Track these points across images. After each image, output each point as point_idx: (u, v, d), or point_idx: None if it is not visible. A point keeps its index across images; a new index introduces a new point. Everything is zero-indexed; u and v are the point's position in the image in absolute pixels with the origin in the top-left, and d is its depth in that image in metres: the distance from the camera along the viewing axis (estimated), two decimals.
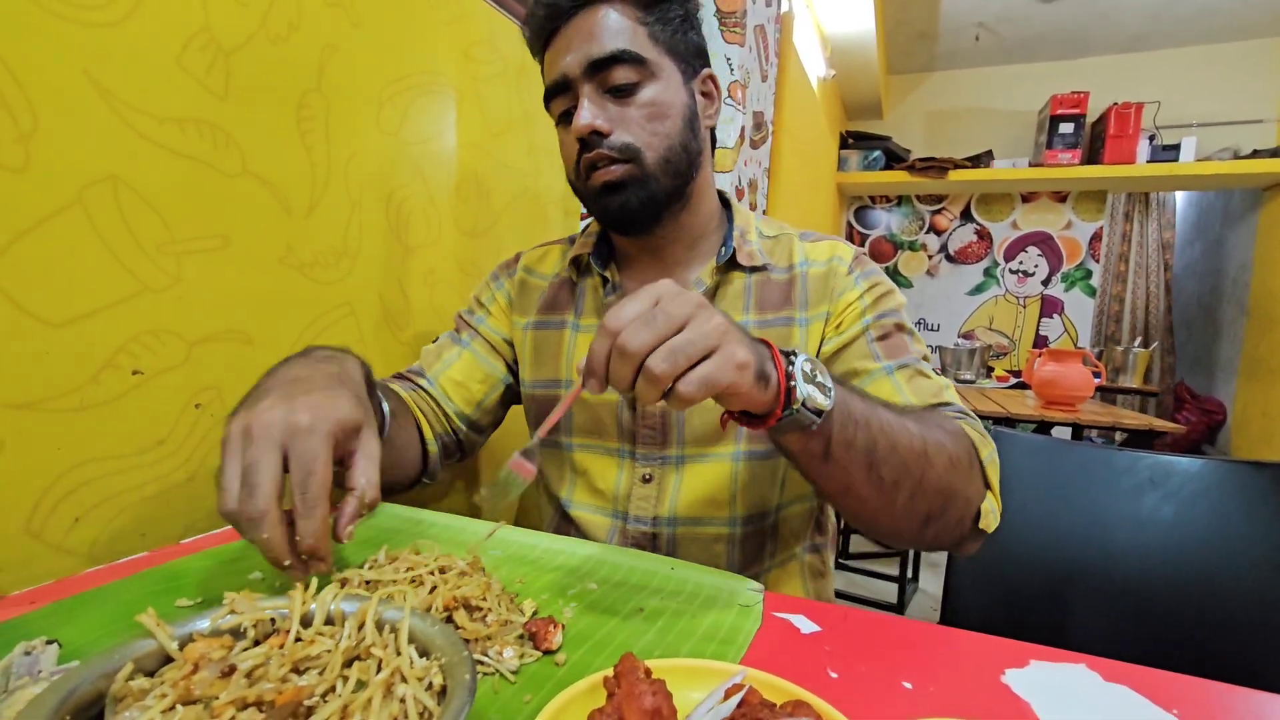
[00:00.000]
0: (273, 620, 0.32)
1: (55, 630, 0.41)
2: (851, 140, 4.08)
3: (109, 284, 0.59)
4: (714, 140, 0.76)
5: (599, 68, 0.63)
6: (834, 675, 0.40)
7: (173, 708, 0.26)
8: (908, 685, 0.39)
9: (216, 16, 0.66)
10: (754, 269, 0.72)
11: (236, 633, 0.32)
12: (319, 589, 0.35)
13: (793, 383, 0.44)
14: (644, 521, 0.70)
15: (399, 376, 0.79)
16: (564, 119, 0.68)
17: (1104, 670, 0.42)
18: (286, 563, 0.41)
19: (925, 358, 0.69)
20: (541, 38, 0.68)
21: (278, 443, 0.42)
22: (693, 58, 0.70)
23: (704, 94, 0.72)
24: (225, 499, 0.42)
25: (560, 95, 0.67)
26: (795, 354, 0.46)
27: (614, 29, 0.64)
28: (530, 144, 1.23)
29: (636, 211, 0.67)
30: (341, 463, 0.47)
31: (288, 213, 0.76)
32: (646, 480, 0.70)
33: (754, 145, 1.86)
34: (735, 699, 0.33)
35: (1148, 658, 0.43)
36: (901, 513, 0.53)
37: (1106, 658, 0.43)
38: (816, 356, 0.69)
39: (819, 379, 0.46)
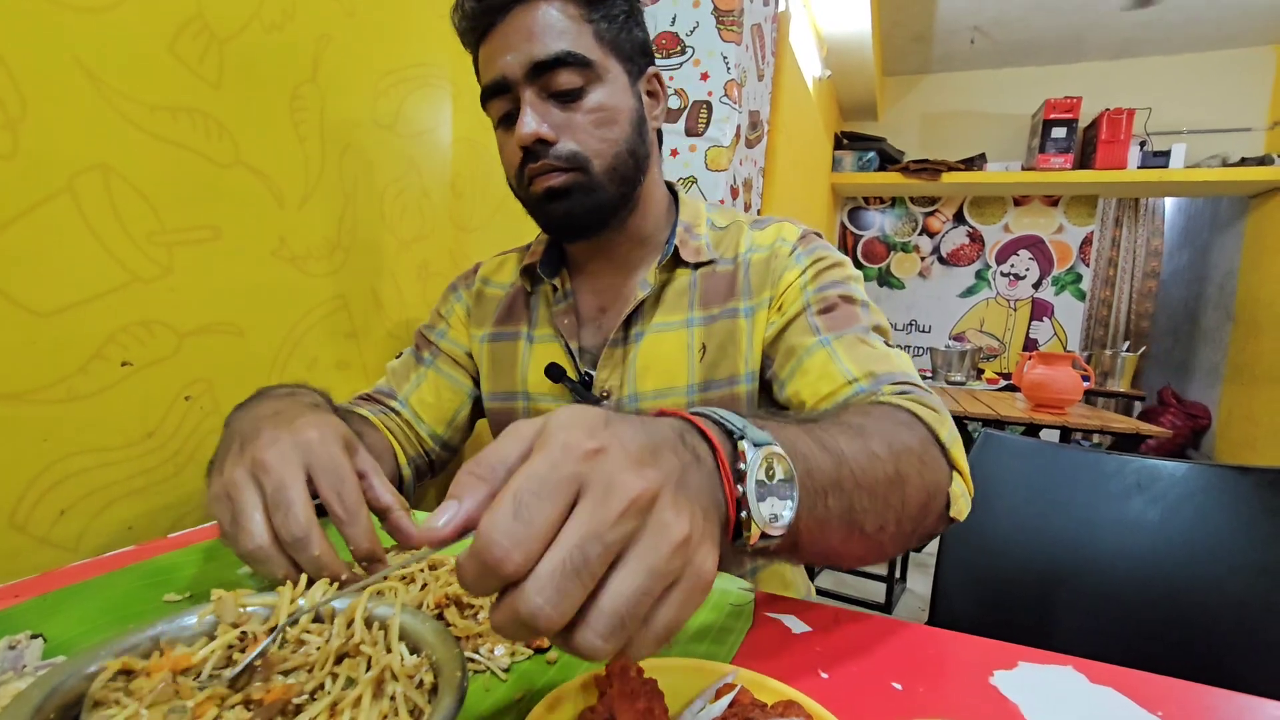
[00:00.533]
0: (264, 619, 0.31)
1: (40, 624, 0.40)
2: (846, 141, 4.09)
3: (98, 274, 0.58)
4: (660, 139, 0.74)
5: (541, 70, 0.60)
6: (825, 676, 0.40)
7: (152, 705, 0.26)
8: (898, 686, 0.40)
9: (210, 3, 0.66)
10: (700, 264, 0.70)
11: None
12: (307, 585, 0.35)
13: (744, 512, 0.31)
14: None
15: (366, 398, 0.77)
16: (504, 121, 0.64)
17: (1090, 672, 0.42)
18: (345, 576, 0.38)
19: (879, 328, 0.64)
20: (476, 31, 0.63)
21: (298, 462, 0.40)
22: (638, 56, 0.66)
23: (649, 94, 0.69)
24: (249, 534, 0.37)
25: (499, 97, 0.62)
26: (746, 450, 0.32)
27: (557, 28, 0.60)
28: None
29: (581, 219, 0.65)
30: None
31: (280, 204, 0.75)
32: None
33: (749, 144, 1.86)
34: (727, 699, 0.33)
35: (1131, 659, 0.44)
36: (889, 544, 0.47)
37: (1091, 659, 0.43)
38: (763, 342, 0.67)
39: (778, 477, 0.33)
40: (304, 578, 0.34)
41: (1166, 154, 3.47)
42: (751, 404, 0.67)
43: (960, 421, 2.23)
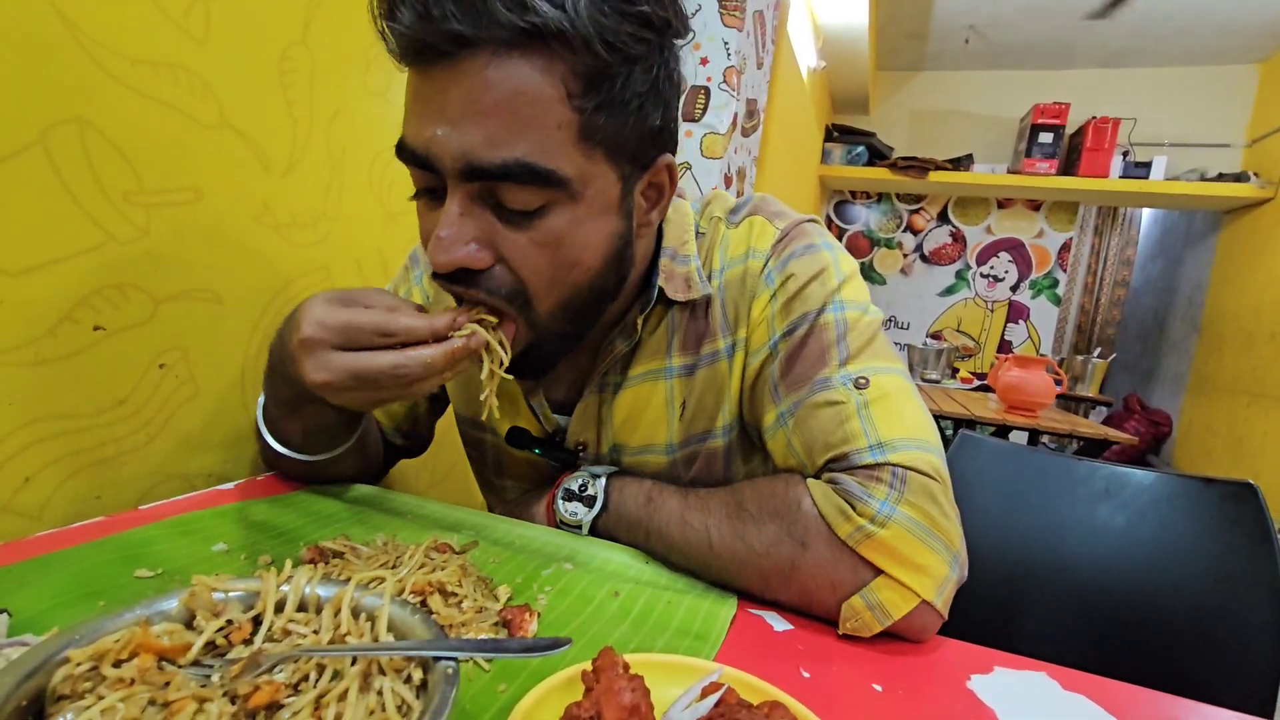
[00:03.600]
0: (246, 606, 0.30)
1: (5, 598, 0.39)
2: (836, 134, 4.09)
3: (71, 233, 0.56)
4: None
5: (481, 176, 0.42)
6: (806, 675, 0.41)
7: (128, 697, 0.25)
8: (878, 688, 0.40)
9: None
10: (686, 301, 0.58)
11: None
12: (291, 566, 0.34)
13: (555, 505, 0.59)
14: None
15: None
16: (426, 194, 0.48)
17: (1063, 679, 0.43)
18: (443, 322, 0.44)
19: (856, 358, 0.52)
20: (405, 57, 0.44)
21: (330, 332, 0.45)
22: (648, 147, 0.47)
23: (652, 187, 0.51)
24: (401, 375, 0.44)
25: (420, 167, 0.45)
26: (571, 474, 0.60)
27: (521, 116, 0.40)
28: None
29: (521, 369, 0.52)
30: None
31: (266, 169, 0.73)
32: None
33: (745, 133, 1.84)
34: (713, 698, 0.33)
35: (1093, 662, 0.45)
36: (737, 585, 0.51)
37: (1054, 658, 0.45)
38: (740, 390, 0.59)
39: (588, 494, 0.58)
40: (288, 564, 0.33)
41: (1148, 165, 3.54)
42: (730, 456, 0.61)
43: (935, 420, 2.26)
